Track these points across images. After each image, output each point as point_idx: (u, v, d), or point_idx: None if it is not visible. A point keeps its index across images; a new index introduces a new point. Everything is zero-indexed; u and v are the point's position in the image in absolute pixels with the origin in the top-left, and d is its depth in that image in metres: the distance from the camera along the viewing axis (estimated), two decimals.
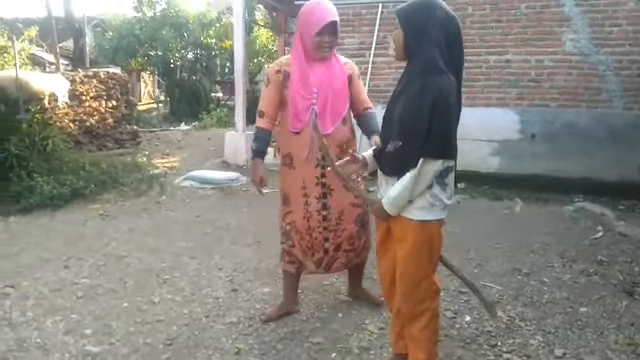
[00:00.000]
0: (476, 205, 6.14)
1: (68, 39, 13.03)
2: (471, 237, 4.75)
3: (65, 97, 8.36)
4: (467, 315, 3.28)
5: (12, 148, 6.21)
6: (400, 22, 2.21)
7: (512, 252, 4.47)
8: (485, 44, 6.94)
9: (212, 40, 17.02)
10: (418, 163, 2.09)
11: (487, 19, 6.98)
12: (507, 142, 6.93)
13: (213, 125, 13.62)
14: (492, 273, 4.00)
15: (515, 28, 6.89)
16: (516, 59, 6.92)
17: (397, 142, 2.17)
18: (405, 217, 2.21)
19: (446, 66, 2.09)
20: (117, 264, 4.32)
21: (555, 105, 6.84)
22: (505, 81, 7.00)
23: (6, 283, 3.87)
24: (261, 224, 5.44)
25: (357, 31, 7.62)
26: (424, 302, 2.30)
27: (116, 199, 6.48)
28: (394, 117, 2.21)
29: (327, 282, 3.86)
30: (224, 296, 3.66)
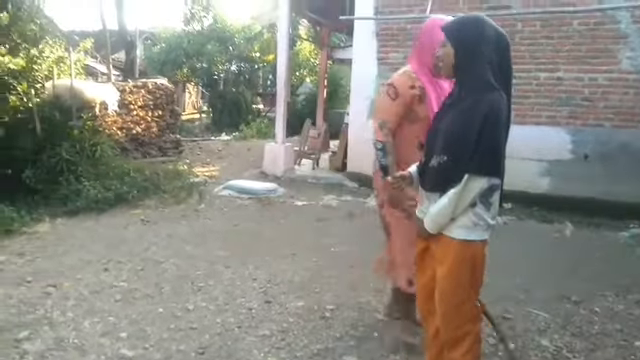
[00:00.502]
0: (524, 227, 5.93)
1: (120, 51, 13.55)
2: (518, 261, 4.57)
3: (115, 106, 8.66)
4: (511, 343, 3.11)
5: (63, 153, 6.47)
6: (450, 39, 2.16)
7: (561, 278, 4.26)
8: (535, 61, 6.75)
9: (256, 54, 17.29)
10: (463, 179, 2.04)
11: (537, 35, 6.80)
12: (558, 162, 6.67)
13: (253, 136, 13.78)
14: (539, 300, 3.81)
15: (567, 45, 6.68)
16: (568, 77, 6.69)
17: (442, 157, 2.11)
18: (446, 236, 2.15)
19: (497, 83, 2.07)
20: (155, 269, 4.38)
21: (609, 125, 6.53)
22: (556, 99, 6.77)
23: (49, 283, 3.99)
24: (297, 236, 5.47)
25: (401, 45, 7.57)
26: (465, 325, 2.21)
27: (157, 205, 6.61)
28: (440, 131, 2.16)
29: (363, 299, 3.79)
30: (257, 307, 3.63)
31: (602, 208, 6.25)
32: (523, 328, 3.31)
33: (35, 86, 6.82)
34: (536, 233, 5.73)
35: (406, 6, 7.48)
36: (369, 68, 7.80)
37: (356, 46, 8.02)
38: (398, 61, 7.52)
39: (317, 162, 9.20)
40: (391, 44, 7.66)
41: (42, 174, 6.37)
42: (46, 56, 7.06)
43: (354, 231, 5.72)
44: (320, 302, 3.72)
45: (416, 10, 7.39)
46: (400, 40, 7.59)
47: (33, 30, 6.92)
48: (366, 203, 6.98)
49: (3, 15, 6.59)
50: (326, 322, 3.42)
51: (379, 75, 7.70)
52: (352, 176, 8.05)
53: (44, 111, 6.72)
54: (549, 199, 6.56)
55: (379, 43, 7.73)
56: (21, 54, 6.63)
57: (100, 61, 12.81)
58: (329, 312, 3.56)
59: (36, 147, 6.49)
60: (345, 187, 7.86)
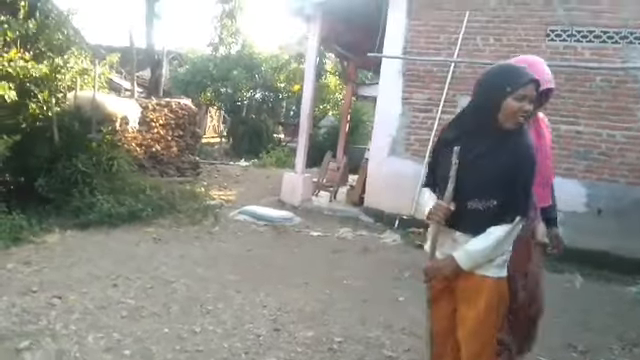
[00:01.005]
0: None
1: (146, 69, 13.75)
2: None
3: (136, 122, 8.67)
4: None
5: (79, 165, 6.42)
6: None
7: (569, 328, 4.24)
8: (557, 113, 6.79)
9: (281, 83, 17.50)
10: (514, 220, 2.06)
11: (561, 89, 6.77)
12: (572, 214, 6.58)
13: (272, 164, 13.81)
14: (547, 347, 3.76)
15: (589, 100, 6.77)
16: (587, 131, 6.76)
17: (491, 201, 2.07)
18: (480, 274, 2.14)
19: None
20: (164, 288, 4.28)
21: (624, 182, 6.58)
22: (574, 152, 6.81)
23: (54, 294, 3.90)
24: (311, 266, 5.41)
25: (426, 87, 7.67)
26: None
27: (171, 225, 6.55)
28: (484, 174, 2.09)
29: (372, 334, 3.76)
30: (265, 334, 3.57)
31: (612, 262, 6.24)
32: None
33: (56, 95, 6.84)
34: (548, 282, 5.61)
35: (434, 49, 7.61)
36: (393, 106, 7.89)
37: (382, 83, 8.11)
38: (422, 102, 7.69)
39: (335, 195, 9.16)
40: (416, 85, 7.74)
41: (56, 184, 6.31)
42: (70, 66, 7.10)
43: (368, 266, 5.66)
44: (329, 334, 3.70)
45: (443, 54, 7.52)
46: (426, 82, 7.69)
47: (59, 39, 6.96)
48: (381, 239, 6.93)
49: (31, 22, 6.64)
50: (333, 354, 3.40)
51: (402, 114, 7.82)
52: (369, 211, 8.03)
53: (63, 121, 6.71)
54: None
55: (404, 83, 7.82)
56: (45, 62, 6.66)
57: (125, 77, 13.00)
58: (337, 344, 3.55)
59: (52, 156, 6.45)
60: (361, 221, 7.80)
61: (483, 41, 7.31)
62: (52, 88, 6.67)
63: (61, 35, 6.98)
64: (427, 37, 7.65)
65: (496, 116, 2.08)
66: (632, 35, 6.54)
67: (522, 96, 2.06)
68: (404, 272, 5.40)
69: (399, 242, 6.80)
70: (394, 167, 7.78)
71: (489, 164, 2.09)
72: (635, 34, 6.53)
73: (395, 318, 4.10)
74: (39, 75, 6.42)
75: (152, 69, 12.62)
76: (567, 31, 6.84)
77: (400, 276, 5.32)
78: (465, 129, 2.19)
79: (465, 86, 7.27)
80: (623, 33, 6.57)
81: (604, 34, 6.68)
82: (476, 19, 7.30)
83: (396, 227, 7.42)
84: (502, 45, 7.15)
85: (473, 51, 7.32)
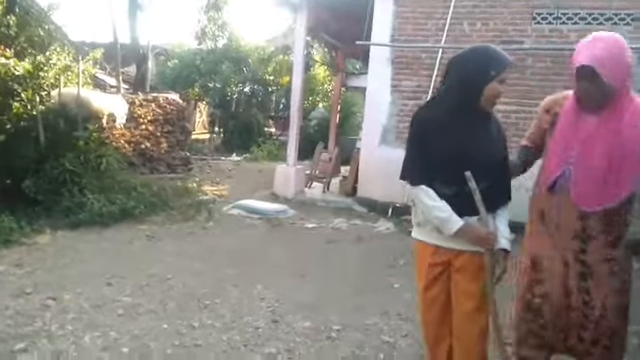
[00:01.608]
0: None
1: (131, 64, 13.55)
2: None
3: (123, 118, 8.56)
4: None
5: (67, 164, 6.30)
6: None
7: None
8: (545, 95, 6.71)
9: (270, 77, 17.38)
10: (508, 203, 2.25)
11: (548, 72, 6.90)
12: None
13: (264, 158, 13.77)
14: None
15: None
16: None
17: (485, 182, 2.11)
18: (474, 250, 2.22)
19: None
20: (160, 285, 4.24)
21: None
22: None
23: (48, 295, 3.85)
24: (306, 257, 5.42)
25: (415, 74, 7.66)
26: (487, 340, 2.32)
27: (164, 222, 6.49)
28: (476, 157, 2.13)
29: (370, 321, 3.78)
30: (264, 326, 3.57)
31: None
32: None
33: (40, 93, 6.71)
34: None
35: (422, 36, 7.60)
36: (383, 94, 7.87)
37: (371, 72, 8.09)
38: (411, 89, 7.68)
39: (328, 186, 9.15)
40: (405, 72, 7.73)
41: (44, 184, 6.20)
42: (53, 63, 6.97)
43: (362, 255, 5.68)
44: (327, 322, 3.70)
45: (431, 40, 7.52)
46: (414, 68, 7.67)
47: (41, 36, 6.84)
48: (375, 228, 6.96)
49: (11, 19, 6.50)
50: (332, 342, 3.40)
51: (392, 102, 7.81)
52: (362, 201, 8.05)
53: (48, 119, 6.57)
54: None
55: (393, 70, 7.81)
56: (27, 59, 6.52)
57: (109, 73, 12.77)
58: (335, 332, 3.55)
59: (38, 156, 6.34)
60: (355, 211, 7.81)
61: (470, 26, 7.30)
62: (35, 86, 6.53)
63: (42, 31, 6.85)
64: (414, 24, 7.63)
65: (480, 98, 2.14)
66: (616, 16, 6.58)
67: (503, 79, 2.15)
68: (399, 259, 5.41)
69: (393, 230, 6.83)
70: (385, 156, 7.73)
71: (482, 147, 2.15)
72: (619, 15, 6.56)
73: (391, 305, 4.12)
74: (22, 73, 6.29)
75: (137, 64, 12.43)
76: (553, 14, 6.86)
77: (395, 263, 5.33)
78: (449, 111, 2.18)
79: None
80: (608, 14, 6.61)
81: (589, 16, 6.71)
82: (462, 4, 7.29)
83: (389, 215, 7.44)
84: (488, 29, 7.15)
85: (460, 36, 7.30)
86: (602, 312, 2.22)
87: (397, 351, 3.33)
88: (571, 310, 2.27)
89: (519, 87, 6.91)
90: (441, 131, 2.16)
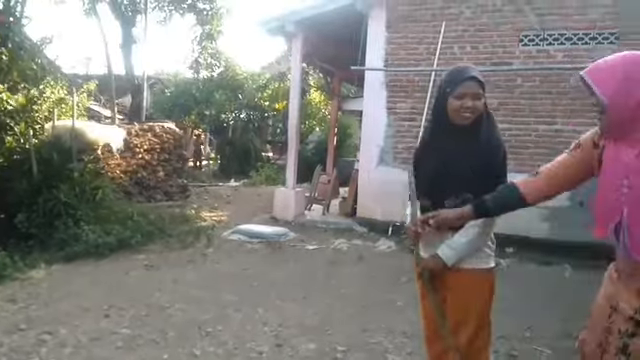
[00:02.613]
0: (525, 270, 6.02)
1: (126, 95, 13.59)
2: (521, 301, 4.56)
3: (119, 148, 8.51)
4: None
5: (61, 196, 6.22)
6: (482, 84, 2.17)
7: (563, 317, 4.21)
8: (534, 113, 6.98)
9: (266, 102, 17.46)
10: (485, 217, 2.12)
11: (536, 90, 7.04)
12: (557, 209, 6.70)
13: (262, 182, 13.73)
14: (543, 337, 3.86)
15: (564, 100, 6.92)
16: (565, 129, 6.86)
17: (465, 195, 2.12)
18: (471, 268, 2.19)
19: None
20: (159, 315, 4.14)
21: None
22: (554, 150, 6.84)
23: (44, 330, 3.74)
24: (308, 279, 5.34)
25: (410, 97, 7.77)
26: (486, 347, 2.28)
27: (162, 250, 6.39)
28: (455, 172, 2.17)
29: (374, 340, 3.75)
30: (268, 351, 3.49)
31: (598, 252, 6.21)
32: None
33: (34, 127, 6.69)
34: (537, 275, 5.84)
35: (414, 60, 7.74)
36: (379, 117, 7.97)
37: (366, 95, 8.21)
38: (405, 111, 7.82)
39: (327, 208, 9.12)
40: (399, 95, 7.86)
41: (37, 218, 6.10)
42: (47, 96, 6.97)
43: (364, 274, 5.63)
44: (332, 344, 3.65)
45: (423, 63, 7.65)
46: (408, 91, 7.80)
47: (34, 69, 6.83)
48: (376, 247, 6.92)
49: (3, 52, 6.48)
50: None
51: (388, 124, 7.92)
52: (362, 221, 8.03)
53: (42, 153, 6.53)
54: (549, 243, 6.67)
55: (388, 93, 7.93)
56: (20, 93, 6.50)
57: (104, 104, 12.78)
58: (340, 354, 3.52)
59: (32, 190, 6.25)
60: (355, 232, 7.76)
61: (460, 49, 7.44)
62: (28, 120, 6.53)
63: (35, 65, 6.83)
64: (407, 49, 7.78)
65: (447, 115, 2.19)
66: (600, 36, 6.72)
67: (461, 94, 2.14)
68: (400, 277, 5.34)
69: (394, 249, 6.78)
70: (383, 176, 7.79)
71: (459, 162, 2.16)
72: (603, 34, 6.70)
73: (395, 323, 4.07)
74: (14, 107, 6.26)
75: (132, 94, 12.46)
76: (539, 35, 7.01)
77: (397, 281, 5.26)
78: (430, 132, 2.34)
79: None
80: (592, 34, 6.75)
81: (574, 36, 6.85)
82: (452, 29, 7.44)
83: (389, 234, 7.39)
84: (478, 52, 7.29)
85: (452, 59, 7.42)
86: None
87: None
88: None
89: (509, 106, 7.06)
90: (424, 150, 2.35)
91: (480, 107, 2.16)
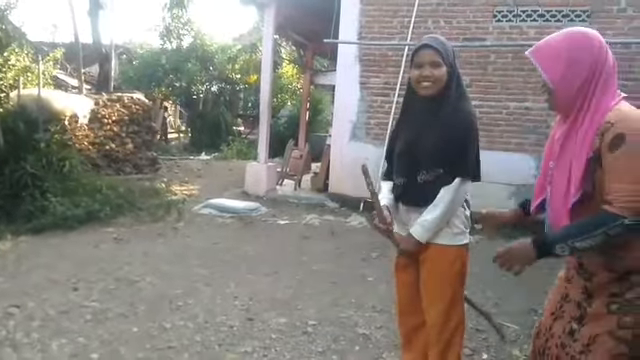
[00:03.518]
0: (493, 246, 5.97)
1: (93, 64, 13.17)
2: (489, 277, 4.55)
3: (86, 118, 8.30)
4: (484, 353, 3.27)
5: (28, 167, 6.09)
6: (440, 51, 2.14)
7: (529, 293, 4.32)
8: (506, 91, 7.03)
9: (237, 75, 17.19)
10: (453, 182, 2.12)
11: (509, 67, 7.08)
12: (524, 186, 6.82)
13: (233, 157, 13.63)
14: (509, 312, 3.96)
15: (535, 77, 6.90)
16: (535, 107, 6.95)
17: (437, 170, 2.13)
18: (441, 244, 2.19)
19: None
20: (129, 288, 4.13)
21: None
22: (524, 127, 7.04)
23: (11, 303, 3.69)
24: (280, 254, 5.38)
25: (382, 71, 7.73)
26: (460, 324, 2.28)
27: (132, 223, 6.33)
28: (425, 147, 2.15)
29: (344, 315, 3.80)
30: (239, 325, 3.52)
31: None
32: (495, 339, 3.41)
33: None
34: None
35: (388, 34, 7.67)
36: (352, 91, 7.92)
37: (339, 69, 8.13)
38: (378, 86, 7.77)
39: (299, 183, 9.13)
40: (373, 69, 7.80)
41: (4, 189, 5.98)
42: (12, 64, 6.72)
43: (336, 249, 5.68)
44: (302, 318, 3.70)
45: (397, 38, 7.60)
46: (382, 66, 7.74)
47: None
48: (347, 222, 6.98)
49: None
50: (308, 337, 3.39)
51: (361, 99, 7.88)
52: (333, 196, 8.06)
53: (7, 122, 6.37)
54: None
55: (361, 67, 7.87)
56: None
57: (70, 73, 12.36)
58: (311, 327, 3.54)
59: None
60: (327, 207, 7.80)
61: (434, 24, 7.42)
62: None
63: (0, 31, 6.57)
64: (381, 22, 7.71)
65: (411, 86, 2.22)
66: (573, 13, 6.78)
67: (418, 63, 2.14)
68: (371, 253, 5.44)
69: (365, 224, 6.82)
70: (355, 151, 7.80)
71: (428, 137, 2.15)
72: (575, 12, 6.76)
73: (366, 297, 4.14)
74: None
75: (100, 63, 12.07)
76: (512, 11, 7.02)
77: (368, 257, 5.36)
78: (404, 111, 2.33)
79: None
80: (564, 11, 6.81)
81: (547, 13, 6.90)
82: (427, 2, 7.39)
83: (361, 210, 7.45)
84: (452, 27, 7.27)
85: (425, 34, 7.22)
86: (584, 349, 1.76)
87: (372, 342, 3.35)
88: (548, 339, 1.94)
89: (481, 83, 7.10)
90: (398, 126, 2.37)
91: (440, 76, 2.11)
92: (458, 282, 2.25)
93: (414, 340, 2.40)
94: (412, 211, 2.23)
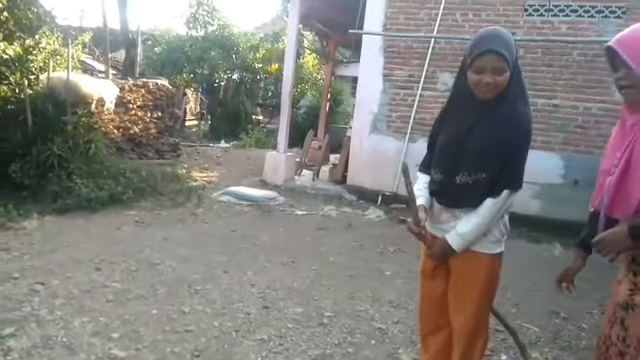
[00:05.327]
0: (515, 246, 5.89)
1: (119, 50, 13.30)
2: (509, 277, 4.51)
3: (112, 103, 8.43)
4: (503, 354, 3.24)
5: (55, 148, 6.21)
6: (505, 57, 1.94)
7: (550, 295, 4.23)
8: (534, 87, 6.86)
9: (259, 65, 17.25)
10: (501, 194, 2.02)
11: (538, 62, 6.93)
12: (549, 186, 6.79)
13: (252, 145, 13.68)
14: (529, 314, 3.92)
15: (565, 74, 6.84)
16: (564, 104, 6.84)
17: (479, 174, 2.03)
18: (476, 251, 2.11)
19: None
20: (149, 271, 4.22)
21: (599, 153, 6.61)
22: (552, 125, 6.89)
23: (37, 280, 3.80)
24: (297, 244, 5.41)
25: (407, 64, 7.64)
26: (483, 332, 2.24)
27: (153, 207, 6.43)
28: (469, 148, 2.04)
29: (361, 308, 3.80)
30: (255, 312, 3.56)
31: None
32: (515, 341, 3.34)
33: (29, 77, 6.58)
34: (526, 252, 5.81)
35: (414, 25, 7.56)
36: (374, 83, 7.84)
37: (363, 60, 8.04)
38: (402, 78, 7.68)
39: (317, 174, 9.13)
40: (396, 61, 7.70)
41: (31, 169, 6.09)
42: (42, 47, 6.83)
43: (353, 242, 5.68)
44: (319, 309, 3.72)
45: (423, 30, 7.49)
46: (406, 58, 7.64)
47: (29, 19, 6.66)
48: (365, 215, 6.97)
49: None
50: (324, 329, 3.41)
51: (383, 91, 7.79)
52: (351, 189, 8.04)
53: (37, 104, 6.45)
54: (539, 220, 6.64)
55: (385, 59, 7.78)
56: (16, 42, 6.37)
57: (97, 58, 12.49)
58: (327, 319, 3.55)
59: (26, 141, 6.22)
60: (344, 199, 7.80)
61: (462, 16, 7.29)
62: (24, 70, 6.42)
63: (31, 14, 6.68)
64: (407, 13, 7.60)
65: (468, 86, 2.03)
66: (607, 9, 6.60)
67: (480, 68, 1.96)
68: (389, 247, 5.45)
69: (383, 218, 6.85)
70: (376, 144, 7.79)
71: (476, 137, 2.03)
72: (610, 8, 6.59)
73: (382, 292, 4.15)
74: (10, 56, 6.17)
75: (127, 49, 12.16)
76: (545, 6, 6.86)
77: (385, 251, 5.36)
78: (452, 103, 2.17)
79: (445, 62, 7.27)
80: (599, 7, 6.64)
81: (580, 8, 6.73)
82: None
83: (379, 203, 7.46)
84: (480, 20, 7.11)
85: (452, 27, 7.31)
86: (637, 352, 1.78)
87: (388, 337, 3.35)
88: (609, 345, 1.91)
89: None
90: (444, 119, 2.19)
91: (501, 82, 1.95)
92: (488, 291, 2.19)
93: (434, 342, 2.36)
94: (445, 211, 2.16)
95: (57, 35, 7.31)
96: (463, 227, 2.06)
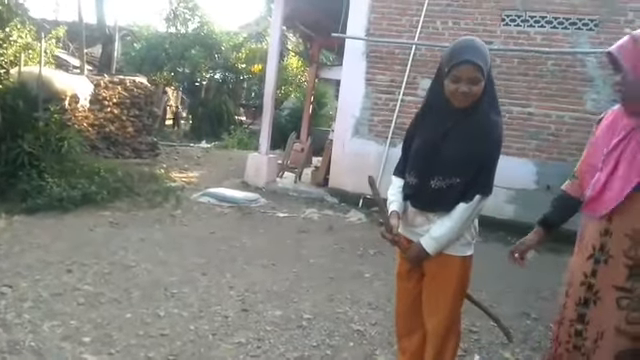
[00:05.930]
0: (489, 249, 5.98)
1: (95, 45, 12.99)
2: (485, 279, 4.52)
3: (87, 100, 8.19)
4: (476, 354, 3.27)
5: (25, 146, 5.99)
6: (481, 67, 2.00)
7: (522, 297, 4.41)
8: (510, 95, 7.01)
9: (242, 65, 17.10)
10: (473, 199, 2.07)
11: (514, 72, 7.07)
12: (524, 191, 6.92)
13: (234, 146, 13.55)
14: (502, 315, 3.85)
15: (540, 83, 6.99)
16: (538, 112, 6.98)
17: (453, 179, 2.08)
18: (448, 254, 2.16)
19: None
20: (123, 274, 4.08)
21: (572, 160, 6.71)
22: (526, 132, 7.04)
23: (3, 283, 3.65)
24: (277, 246, 5.34)
25: (389, 69, 7.69)
26: (455, 329, 2.31)
27: (129, 208, 6.27)
28: (445, 153, 2.09)
29: (340, 310, 3.79)
30: (233, 315, 3.49)
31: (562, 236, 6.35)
32: (488, 341, 3.45)
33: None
34: (501, 256, 5.75)
35: (396, 31, 7.62)
36: (356, 87, 7.87)
37: (345, 64, 8.08)
38: (384, 83, 7.73)
39: (299, 176, 9.07)
40: (379, 66, 7.75)
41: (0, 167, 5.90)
42: (13, 40, 6.61)
43: (334, 245, 5.64)
44: (298, 311, 3.69)
45: (405, 36, 7.56)
46: (388, 63, 7.70)
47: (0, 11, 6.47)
48: (346, 218, 6.95)
49: None
50: (303, 331, 3.38)
51: (365, 95, 7.83)
52: (333, 191, 8.03)
53: (6, 99, 6.24)
54: (514, 224, 6.66)
55: (368, 64, 7.82)
56: None
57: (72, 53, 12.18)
58: (306, 321, 3.53)
59: None
60: (326, 202, 7.77)
61: (442, 24, 7.38)
62: None
63: (2, 6, 6.45)
64: (389, 19, 7.66)
65: (444, 94, 2.08)
66: (580, 21, 6.76)
67: (457, 77, 2.00)
68: (369, 249, 5.42)
69: (364, 221, 6.83)
70: (357, 148, 7.79)
71: (451, 144, 2.08)
72: (583, 20, 6.75)
73: (362, 294, 4.13)
74: None
75: (103, 44, 11.89)
76: (521, 16, 7.01)
77: (365, 253, 5.33)
78: (428, 108, 2.23)
79: (425, 68, 7.34)
80: (572, 19, 6.79)
81: (555, 20, 6.88)
82: (436, 2, 7.35)
83: (360, 206, 7.46)
84: (460, 29, 7.21)
85: (433, 34, 7.40)
86: (594, 346, 1.92)
87: (366, 339, 3.33)
88: (558, 343, 2.07)
89: None
90: (419, 124, 2.25)
91: (477, 91, 2.02)
92: (460, 292, 2.26)
93: (410, 344, 2.40)
94: (419, 214, 2.19)
95: (29, 28, 7.08)
96: (437, 231, 2.11)
